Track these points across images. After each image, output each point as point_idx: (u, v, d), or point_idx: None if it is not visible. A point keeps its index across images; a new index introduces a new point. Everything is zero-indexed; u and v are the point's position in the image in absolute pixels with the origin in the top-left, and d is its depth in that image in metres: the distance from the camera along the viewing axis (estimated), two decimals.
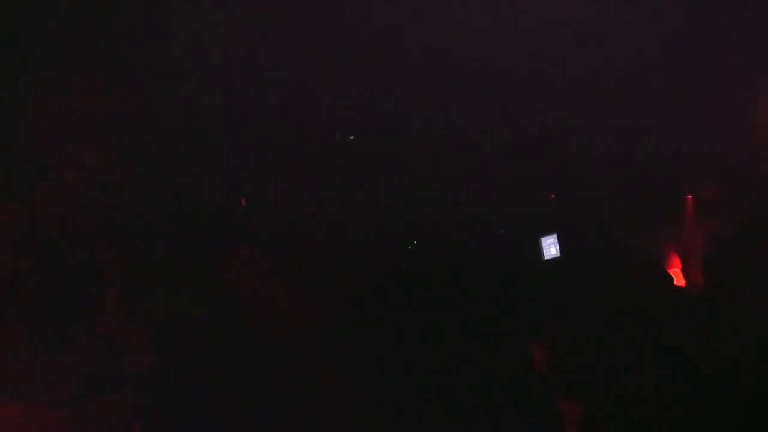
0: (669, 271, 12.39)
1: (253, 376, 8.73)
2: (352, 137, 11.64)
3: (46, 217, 4.81)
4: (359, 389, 9.07)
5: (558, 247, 10.20)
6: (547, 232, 10.39)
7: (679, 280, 12.11)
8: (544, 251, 10.50)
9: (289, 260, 9.53)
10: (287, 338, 8.29)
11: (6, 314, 4.51)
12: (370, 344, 9.27)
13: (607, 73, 12.26)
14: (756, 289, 11.39)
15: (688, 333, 12.06)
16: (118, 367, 4.88)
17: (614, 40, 12.36)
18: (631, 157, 13.07)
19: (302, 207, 9.43)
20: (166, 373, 6.39)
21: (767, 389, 10.66)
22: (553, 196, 10.93)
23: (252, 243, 9.18)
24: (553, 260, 10.50)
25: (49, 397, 4.58)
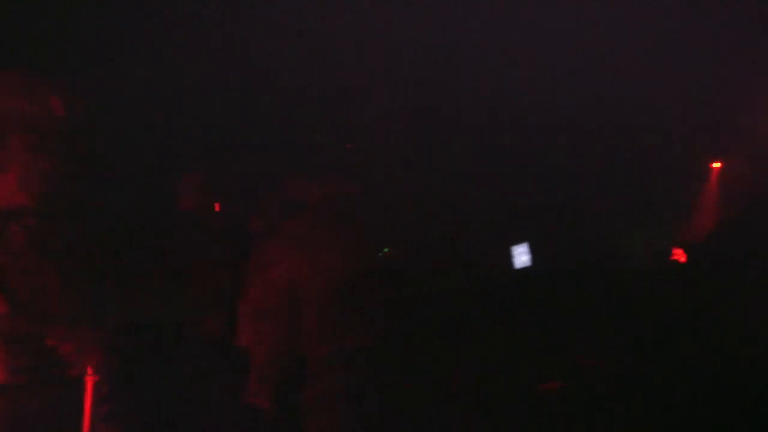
0: (674, 251, 12.18)
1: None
2: (319, 137, 11.54)
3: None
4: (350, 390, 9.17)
5: (529, 256, 10.20)
6: (518, 241, 10.38)
7: (681, 258, 11.90)
8: (515, 260, 10.50)
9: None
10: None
11: None
12: (358, 345, 9.35)
13: (589, 79, 12.11)
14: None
15: (666, 335, 11.98)
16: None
17: (596, 43, 12.17)
18: (620, 160, 12.95)
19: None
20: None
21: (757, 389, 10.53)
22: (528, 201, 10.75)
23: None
24: (524, 269, 10.48)
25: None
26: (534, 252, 12.09)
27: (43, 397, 6.24)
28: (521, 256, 12.10)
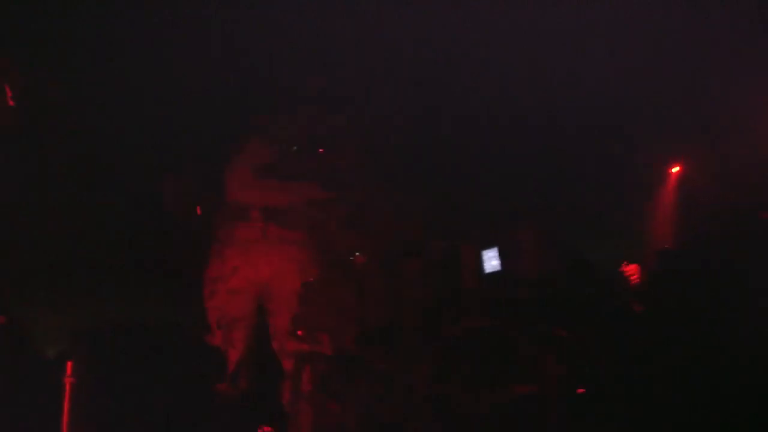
0: (628, 269, 11.88)
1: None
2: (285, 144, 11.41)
3: None
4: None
5: (499, 260, 10.09)
6: (488, 245, 10.29)
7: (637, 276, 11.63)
8: (486, 264, 10.40)
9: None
10: None
11: None
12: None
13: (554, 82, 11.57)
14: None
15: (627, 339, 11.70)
16: None
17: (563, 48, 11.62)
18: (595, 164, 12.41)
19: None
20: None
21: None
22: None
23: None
24: (494, 273, 10.38)
25: None
26: (503, 257, 11.81)
27: (23, 400, 6.47)
28: (491, 260, 11.84)
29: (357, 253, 11.23)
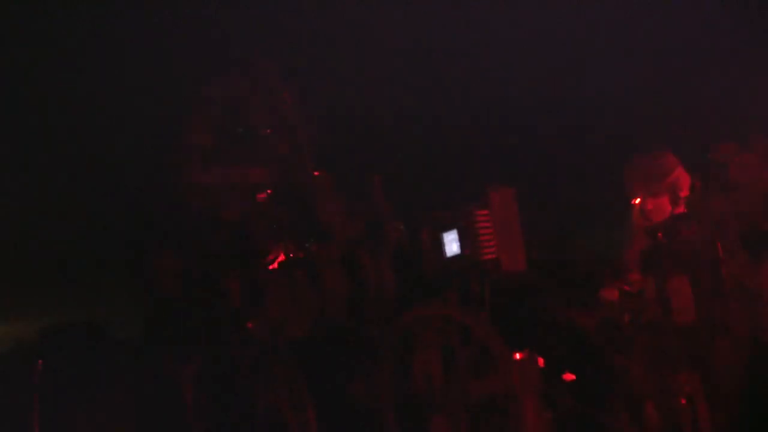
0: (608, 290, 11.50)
1: None
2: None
3: None
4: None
5: (459, 244, 9.56)
6: (448, 227, 9.76)
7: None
8: (446, 248, 9.89)
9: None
10: None
11: None
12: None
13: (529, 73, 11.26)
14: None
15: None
16: None
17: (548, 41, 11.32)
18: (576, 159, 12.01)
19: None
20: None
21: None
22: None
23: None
24: (455, 257, 9.87)
25: None
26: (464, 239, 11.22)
27: None
28: (451, 243, 11.28)
29: (311, 240, 10.68)
